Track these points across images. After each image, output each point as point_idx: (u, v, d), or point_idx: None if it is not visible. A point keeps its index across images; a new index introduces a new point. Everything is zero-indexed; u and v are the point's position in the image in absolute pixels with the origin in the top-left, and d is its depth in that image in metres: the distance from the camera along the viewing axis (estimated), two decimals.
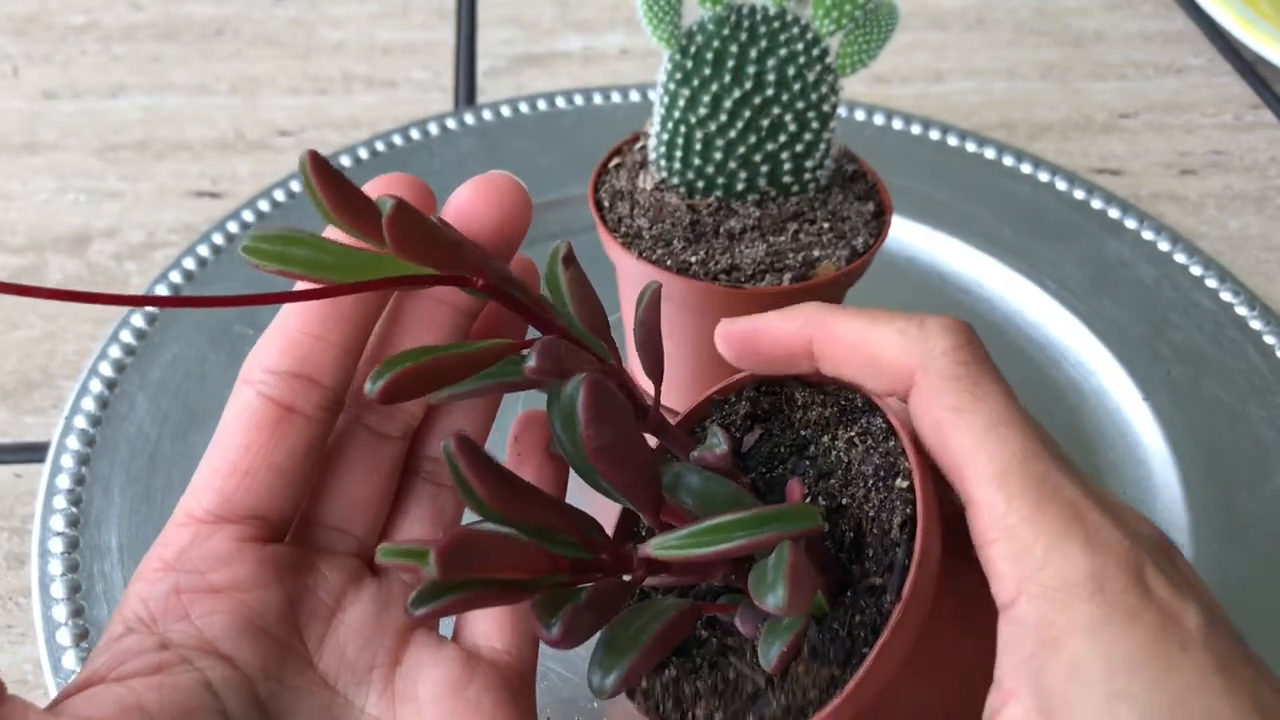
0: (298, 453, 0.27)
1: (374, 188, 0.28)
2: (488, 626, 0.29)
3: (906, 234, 0.53)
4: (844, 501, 0.26)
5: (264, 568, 0.27)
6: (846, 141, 0.42)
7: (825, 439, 0.27)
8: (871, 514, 0.25)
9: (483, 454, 0.22)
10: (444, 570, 0.21)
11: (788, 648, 0.24)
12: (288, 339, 0.28)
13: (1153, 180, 0.60)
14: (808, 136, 0.38)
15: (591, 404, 0.22)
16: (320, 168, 0.24)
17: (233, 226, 0.52)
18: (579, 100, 0.60)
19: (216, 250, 0.51)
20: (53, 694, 0.37)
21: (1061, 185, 0.57)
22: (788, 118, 0.38)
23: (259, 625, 0.27)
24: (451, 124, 0.59)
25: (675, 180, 0.39)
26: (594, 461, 0.23)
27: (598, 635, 0.25)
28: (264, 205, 0.53)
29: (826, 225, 0.39)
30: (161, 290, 0.49)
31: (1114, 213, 0.55)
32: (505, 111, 0.59)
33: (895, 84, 0.65)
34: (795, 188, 0.39)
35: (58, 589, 0.39)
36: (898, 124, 0.60)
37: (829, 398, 0.28)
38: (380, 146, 0.57)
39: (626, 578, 0.25)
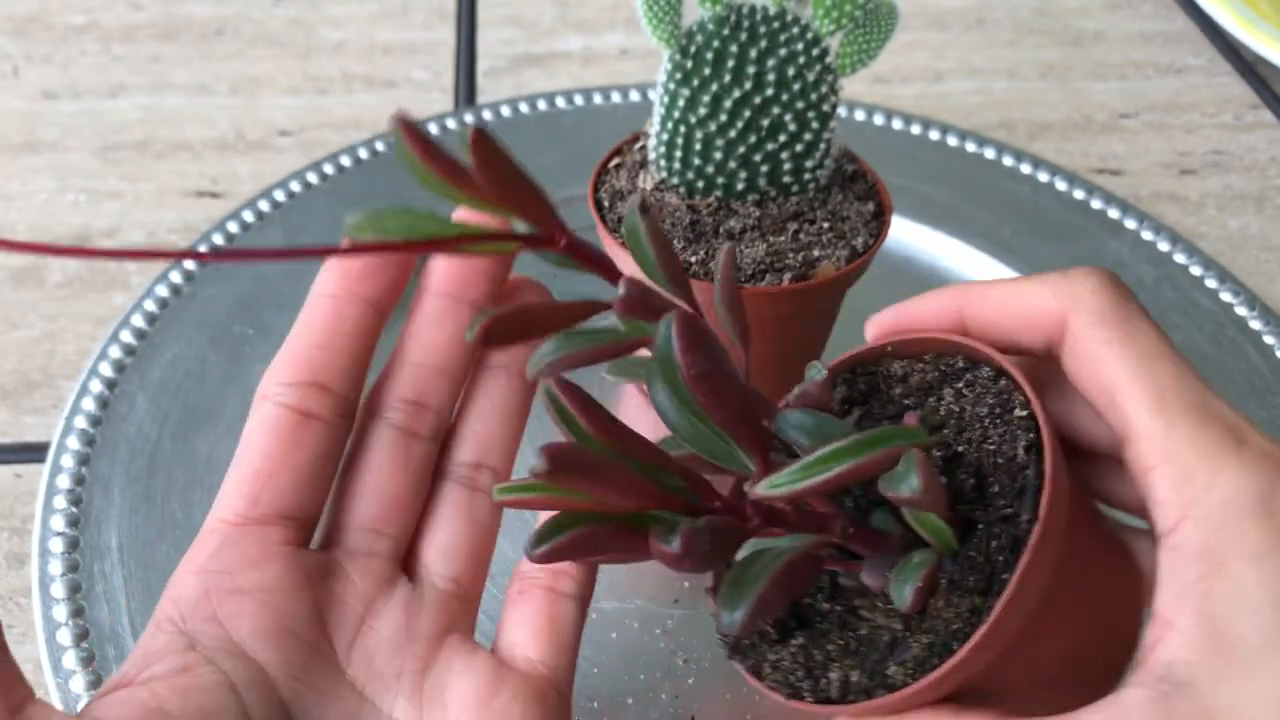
0: (317, 455, 0.28)
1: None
2: (523, 636, 0.29)
3: (906, 234, 0.53)
4: (960, 449, 0.26)
5: (293, 571, 0.27)
6: (846, 141, 0.42)
7: (930, 401, 0.27)
8: (992, 447, 0.25)
9: (586, 393, 0.22)
10: (552, 465, 0.20)
11: (923, 581, 0.24)
12: (298, 354, 0.29)
13: (1153, 180, 0.60)
14: (808, 136, 0.38)
15: (684, 333, 0.23)
16: (410, 127, 0.26)
17: (233, 226, 0.52)
18: (579, 100, 0.60)
19: (217, 250, 0.51)
20: (53, 694, 0.37)
21: (1061, 185, 0.57)
22: (788, 118, 0.38)
23: (287, 627, 0.27)
24: (451, 124, 0.59)
25: (675, 180, 0.39)
26: (694, 389, 0.23)
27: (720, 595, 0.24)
28: (264, 205, 0.53)
29: (826, 225, 0.39)
30: (162, 290, 0.49)
31: (1114, 213, 0.55)
32: (505, 111, 0.59)
33: (895, 84, 0.65)
34: (795, 188, 0.39)
35: (58, 589, 0.39)
36: (898, 124, 0.60)
37: (928, 365, 0.28)
38: (380, 146, 0.57)
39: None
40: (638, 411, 0.45)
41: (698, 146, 0.38)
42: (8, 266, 0.52)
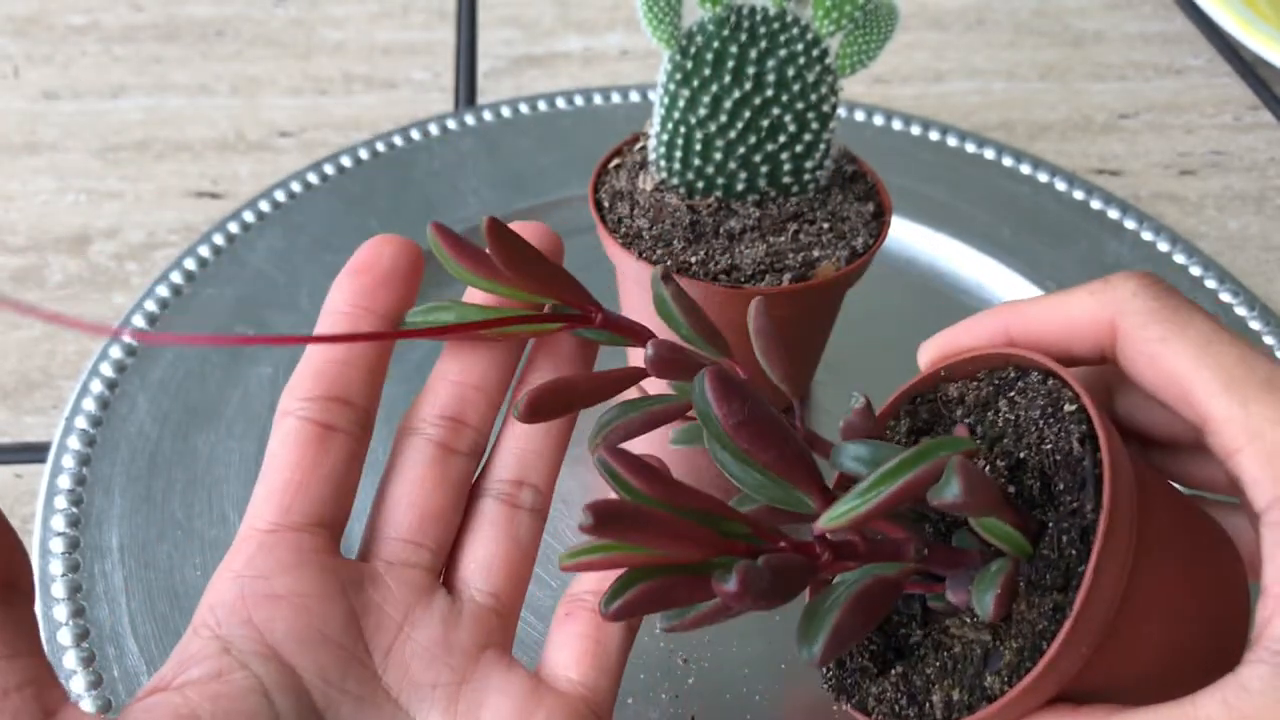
0: (342, 465, 0.29)
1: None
2: (567, 657, 0.29)
3: (906, 234, 0.53)
4: (1021, 455, 0.26)
5: (327, 576, 0.28)
6: (846, 141, 0.42)
7: (989, 415, 0.27)
8: (1049, 447, 0.25)
9: (634, 455, 0.22)
10: (597, 521, 0.20)
11: (1002, 588, 0.24)
12: (317, 370, 0.29)
13: (1152, 181, 0.60)
14: (807, 137, 0.38)
15: (716, 385, 0.23)
16: (444, 231, 0.28)
17: (233, 227, 0.52)
18: (579, 100, 0.60)
19: (217, 250, 0.51)
20: None
21: (1061, 186, 0.57)
22: (787, 118, 0.38)
23: (322, 632, 0.27)
24: (451, 124, 0.59)
25: (675, 181, 0.39)
26: (737, 439, 0.23)
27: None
28: (264, 205, 0.53)
29: (826, 225, 0.39)
30: (162, 290, 0.49)
31: (1113, 213, 0.55)
32: (505, 112, 0.60)
33: (895, 84, 0.66)
34: (795, 188, 0.39)
35: (58, 589, 0.39)
36: (898, 124, 0.60)
37: (982, 382, 0.28)
38: (380, 147, 0.57)
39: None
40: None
41: (698, 147, 0.38)
42: (8, 266, 0.52)
